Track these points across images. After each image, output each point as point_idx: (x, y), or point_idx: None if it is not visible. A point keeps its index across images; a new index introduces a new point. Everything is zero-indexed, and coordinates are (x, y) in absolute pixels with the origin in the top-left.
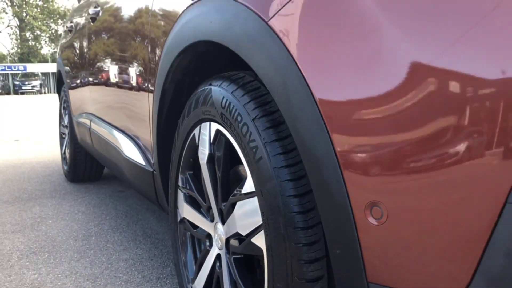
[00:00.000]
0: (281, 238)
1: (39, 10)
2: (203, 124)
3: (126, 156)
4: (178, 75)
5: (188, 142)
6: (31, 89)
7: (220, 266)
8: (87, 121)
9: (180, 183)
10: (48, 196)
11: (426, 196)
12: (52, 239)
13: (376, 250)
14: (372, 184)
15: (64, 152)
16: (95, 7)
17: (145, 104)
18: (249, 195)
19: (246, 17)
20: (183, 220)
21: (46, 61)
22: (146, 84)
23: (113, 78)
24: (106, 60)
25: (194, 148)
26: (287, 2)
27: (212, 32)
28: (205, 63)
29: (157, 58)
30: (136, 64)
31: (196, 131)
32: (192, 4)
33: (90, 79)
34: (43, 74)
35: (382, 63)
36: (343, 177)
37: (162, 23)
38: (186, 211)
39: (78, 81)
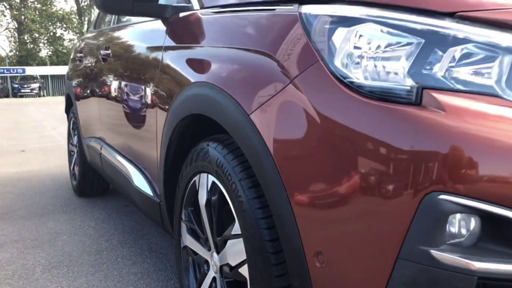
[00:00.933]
0: (259, 271)
1: (37, 13)
2: (202, 175)
3: (136, 186)
4: (182, 129)
5: (189, 185)
6: (30, 92)
7: (216, 286)
8: (97, 146)
9: (183, 217)
10: (60, 211)
11: (350, 248)
12: (68, 254)
13: (321, 282)
14: (318, 239)
15: (73, 169)
16: (106, 49)
17: (153, 145)
18: (237, 236)
19: (234, 108)
20: (186, 247)
21: (44, 64)
22: (155, 124)
23: (125, 115)
24: (117, 99)
25: (195, 191)
26: (262, 104)
27: (209, 111)
28: (202, 121)
29: (165, 117)
30: (147, 110)
31: (196, 179)
32: (194, 83)
33: (102, 111)
34: (42, 77)
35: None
36: (299, 233)
37: (168, 88)
38: (188, 241)
39: (89, 110)
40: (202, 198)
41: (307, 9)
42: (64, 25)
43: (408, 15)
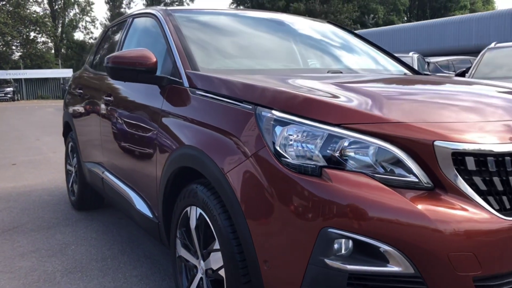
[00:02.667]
0: (231, 273)
1: (9, 16)
2: (192, 207)
3: (138, 209)
4: (176, 172)
5: (183, 213)
6: (4, 96)
7: (203, 284)
8: (99, 171)
9: (178, 235)
10: (63, 224)
11: (282, 259)
12: (79, 261)
13: (267, 279)
14: (265, 252)
15: (72, 186)
16: (108, 96)
17: (153, 181)
18: (216, 250)
19: (215, 167)
20: (180, 256)
21: (18, 67)
22: (155, 168)
23: (127, 153)
24: (120, 139)
25: (187, 217)
26: (233, 169)
27: (198, 166)
28: (190, 169)
29: (163, 164)
30: (147, 154)
31: (188, 209)
32: (186, 145)
33: (105, 144)
34: (16, 80)
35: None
36: (255, 249)
37: (166, 143)
38: (182, 252)
39: (90, 140)
40: (193, 223)
41: (260, 110)
42: (38, 28)
43: (316, 123)
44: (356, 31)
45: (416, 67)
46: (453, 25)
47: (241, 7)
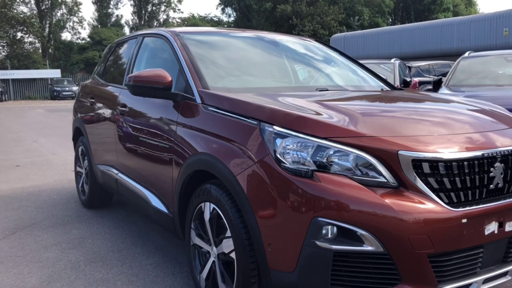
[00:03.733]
0: (241, 255)
1: None
2: (206, 203)
3: (154, 205)
4: (191, 175)
5: (197, 209)
6: None
7: (215, 266)
8: (112, 173)
9: (192, 226)
10: (76, 221)
11: (282, 242)
12: (98, 253)
13: (271, 258)
14: (269, 237)
15: (82, 186)
16: (123, 106)
17: (169, 180)
18: (228, 237)
19: (226, 171)
20: (194, 244)
21: (5, 67)
22: (171, 173)
23: (143, 158)
24: (135, 146)
25: (201, 212)
26: (242, 172)
27: (211, 169)
28: (202, 171)
29: (179, 168)
30: (165, 160)
31: (202, 205)
32: (200, 152)
33: (119, 148)
34: (3, 81)
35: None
36: (260, 235)
37: (182, 151)
38: (196, 240)
39: (103, 144)
40: (206, 216)
41: (263, 125)
42: (25, 29)
43: (307, 136)
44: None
45: (397, 73)
46: (436, 28)
47: (229, 8)
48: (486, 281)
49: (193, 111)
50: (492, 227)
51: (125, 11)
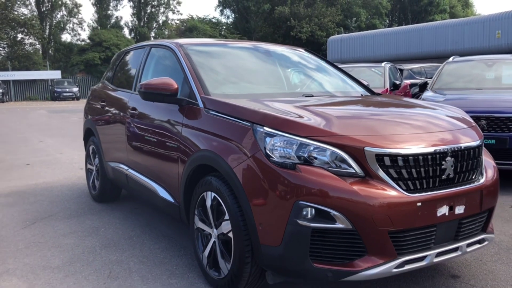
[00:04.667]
0: (237, 234)
1: None
2: (207, 192)
3: (162, 196)
4: (195, 169)
5: (200, 197)
6: None
7: (215, 245)
8: (123, 169)
9: (196, 213)
10: (89, 213)
11: (270, 221)
12: (111, 239)
13: (261, 235)
14: (259, 217)
15: (93, 182)
16: (133, 109)
17: (175, 174)
18: (227, 220)
19: (225, 164)
20: (198, 228)
21: (6, 69)
22: (177, 167)
23: (152, 156)
24: (144, 144)
25: (203, 200)
26: (238, 165)
27: (212, 163)
28: (204, 166)
29: (184, 163)
30: (171, 157)
31: (204, 194)
32: (202, 149)
33: (130, 147)
34: (4, 82)
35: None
36: (253, 216)
37: (187, 148)
38: (199, 224)
39: (113, 143)
40: (208, 203)
41: (255, 126)
42: (25, 30)
43: (292, 136)
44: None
45: (387, 76)
46: (430, 31)
47: (227, 10)
48: (438, 254)
49: (196, 114)
50: (443, 210)
51: (124, 13)
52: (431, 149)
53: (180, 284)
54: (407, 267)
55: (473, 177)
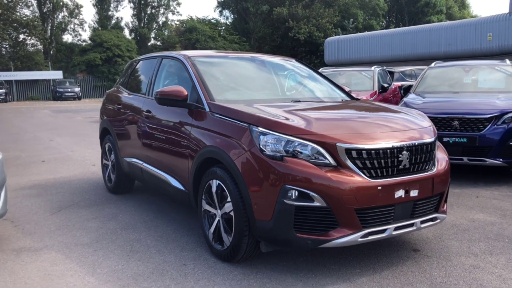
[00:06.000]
0: (237, 212)
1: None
2: (213, 180)
3: (173, 185)
4: (201, 161)
5: (206, 185)
6: None
7: (219, 223)
8: (137, 163)
9: (203, 197)
10: (107, 202)
11: (262, 201)
12: (128, 223)
13: (257, 213)
14: (255, 199)
15: (109, 175)
16: (148, 112)
17: (186, 166)
18: (228, 202)
19: (227, 157)
20: (204, 210)
21: (8, 69)
22: (187, 161)
23: (164, 151)
24: (158, 141)
25: (209, 187)
26: (238, 157)
27: (217, 157)
28: (209, 159)
29: (194, 158)
30: (182, 152)
31: (210, 182)
32: (208, 145)
33: (144, 144)
34: (7, 82)
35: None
36: (250, 198)
37: (195, 145)
38: (206, 207)
39: (129, 141)
40: (213, 189)
41: (251, 127)
42: (28, 31)
43: (280, 134)
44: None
45: (376, 79)
46: (425, 33)
47: (226, 11)
48: (397, 228)
49: (203, 116)
50: (400, 193)
51: (125, 14)
52: (389, 145)
53: (190, 256)
54: (370, 237)
55: (426, 167)
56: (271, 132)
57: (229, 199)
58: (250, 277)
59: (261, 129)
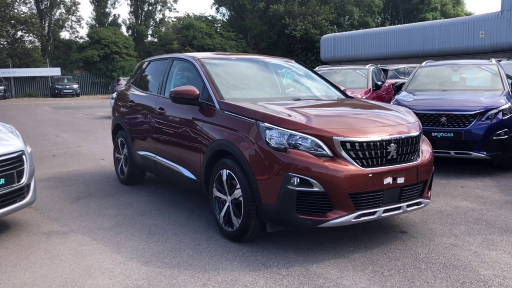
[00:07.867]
0: (246, 197)
1: None
2: (224, 170)
3: (186, 175)
4: (213, 153)
5: (217, 174)
6: None
7: (229, 208)
8: (150, 156)
9: (214, 186)
10: (120, 193)
11: (268, 187)
12: (144, 210)
13: (263, 197)
14: (262, 186)
15: (121, 168)
16: (161, 109)
17: (198, 159)
18: (238, 188)
19: (237, 149)
20: (215, 196)
21: (6, 66)
22: (199, 153)
23: (178, 145)
24: (171, 136)
25: (220, 176)
26: (246, 149)
27: (228, 149)
28: (221, 151)
29: (205, 150)
30: (194, 145)
31: (221, 171)
32: (218, 139)
33: (158, 138)
34: (5, 79)
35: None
36: (258, 185)
37: (207, 139)
38: (217, 194)
39: (142, 136)
40: (224, 178)
41: (258, 122)
42: (25, 28)
43: (284, 129)
44: (333, 34)
45: (370, 78)
46: (419, 30)
47: (223, 7)
48: (385, 211)
49: (213, 113)
50: (388, 180)
51: (122, 11)
52: (379, 138)
53: (203, 237)
54: (362, 218)
55: (412, 158)
56: (276, 127)
57: (238, 186)
58: (257, 254)
59: (266, 124)
